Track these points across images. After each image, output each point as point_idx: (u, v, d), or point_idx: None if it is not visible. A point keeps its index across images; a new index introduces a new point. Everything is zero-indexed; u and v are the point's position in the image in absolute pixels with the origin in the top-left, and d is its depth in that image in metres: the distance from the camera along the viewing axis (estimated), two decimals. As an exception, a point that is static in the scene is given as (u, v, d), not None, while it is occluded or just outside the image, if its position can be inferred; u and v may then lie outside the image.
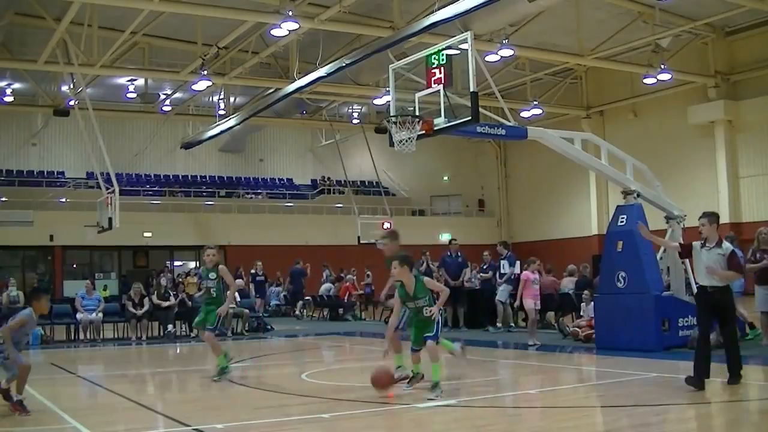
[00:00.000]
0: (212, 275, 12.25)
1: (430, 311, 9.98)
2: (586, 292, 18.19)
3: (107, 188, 23.97)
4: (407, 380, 10.50)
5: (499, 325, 20.42)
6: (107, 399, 11.21)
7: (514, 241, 44.19)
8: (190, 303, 21.70)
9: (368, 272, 31.74)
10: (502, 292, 20.47)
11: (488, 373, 13.92)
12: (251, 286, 29.64)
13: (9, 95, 34.40)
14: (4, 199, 35.90)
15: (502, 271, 20.69)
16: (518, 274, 20.83)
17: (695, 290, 10.79)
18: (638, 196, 15.73)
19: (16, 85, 34.27)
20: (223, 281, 12.43)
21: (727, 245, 10.26)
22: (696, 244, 10.46)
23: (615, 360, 13.33)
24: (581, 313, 17.85)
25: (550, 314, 20.17)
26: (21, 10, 26.05)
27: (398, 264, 10.23)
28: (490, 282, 21.11)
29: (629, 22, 28.91)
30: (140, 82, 34.74)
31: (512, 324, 20.87)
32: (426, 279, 10.42)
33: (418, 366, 10.45)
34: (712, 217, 10.40)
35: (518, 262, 20.94)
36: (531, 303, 16.43)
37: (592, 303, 17.17)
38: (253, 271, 30.53)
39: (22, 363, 9.36)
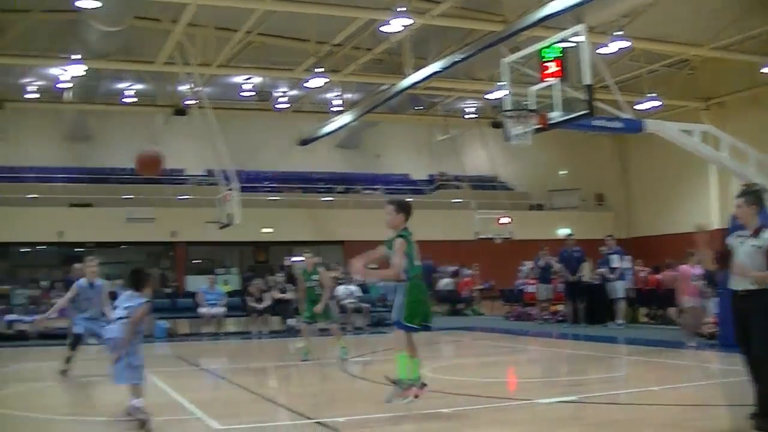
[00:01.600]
0: (314, 277, 14.66)
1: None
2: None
3: (226, 185, 24.46)
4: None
5: (620, 321, 20.10)
6: (230, 391, 11.51)
7: (634, 236, 43.41)
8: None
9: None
10: (618, 289, 20.16)
11: (609, 369, 13.77)
12: None
13: (131, 96, 35.45)
14: (130, 196, 36.92)
15: (612, 266, 20.39)
16: (628, 269, 20.63)
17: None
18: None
19: (137, 86, 35.28)
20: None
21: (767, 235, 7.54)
22: (731, 239, 7.83)
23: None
24: (702, 309, 17.34)
25: (671, 310, 19.75)
26: (139, 13, 26.81)
27: (394, 209, 8.75)
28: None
29: (746, 10, 27.94)
30: (256, 80, 35.31)
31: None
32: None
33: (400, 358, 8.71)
34: (750, 196, 7.72)
35: (627, 256, 20.65)
36: (690, 300, 15.82)
37: (711, 300, 16.73)
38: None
39: None
